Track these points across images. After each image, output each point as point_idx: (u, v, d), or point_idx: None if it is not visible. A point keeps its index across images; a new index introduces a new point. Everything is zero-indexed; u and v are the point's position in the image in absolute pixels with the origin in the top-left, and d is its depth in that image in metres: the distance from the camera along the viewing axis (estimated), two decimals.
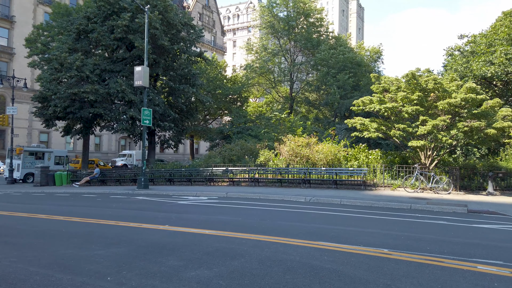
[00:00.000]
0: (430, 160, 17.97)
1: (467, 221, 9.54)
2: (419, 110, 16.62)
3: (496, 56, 23.00)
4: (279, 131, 26.66)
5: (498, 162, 20.35)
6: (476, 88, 16.13)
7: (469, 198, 14.91)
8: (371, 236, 7.10)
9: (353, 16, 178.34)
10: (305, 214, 10.49)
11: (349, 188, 18.23)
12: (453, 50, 28.14)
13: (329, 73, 40.58)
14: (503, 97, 24.91)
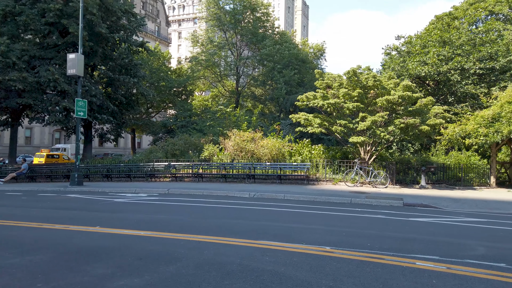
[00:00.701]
0: (369, 155, 18.63)
1: (404, 214, 9.88)
2: (360, 107, 17.11)
3: (430, 57, 24.43)
4: (224, 126, 26.27)
5: (430, 157, 21.70)
6: (412, 86, 16.94)
7: (404, 192, 15.64)
8: (314, 233, 7.00)
9: (298, 14, 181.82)
10: (249, 211, 10.25)
11: (293, 183, 18.37)
12: (391, 50, 29.52)
13: (275, 68, 40.88)
14: (435, 95, 26.58)
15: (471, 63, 23.99)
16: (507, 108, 17.18)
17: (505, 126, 16.88)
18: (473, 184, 18.84)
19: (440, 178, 19.12)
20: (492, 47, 24.34)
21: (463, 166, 19.16)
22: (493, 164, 19.34)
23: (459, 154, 21.24)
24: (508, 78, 23.65)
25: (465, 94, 24.87)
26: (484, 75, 24.91)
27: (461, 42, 24.93)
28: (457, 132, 18.39)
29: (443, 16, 36.03)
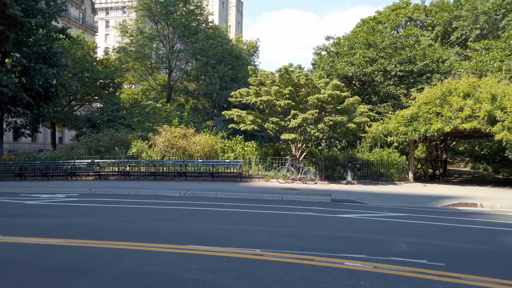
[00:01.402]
0: (300, 152, 19.02)
1: (332, 211, 10.12)
2: (291, 104, 17.35)
3: (356, 58, 25.65)
4: (154, 121, 25.16)
5: (356, 154, 22.80)
6: (340, 86, 17.56)
7: (333, 187, 16.19)
8: (245, 234, 6.80)
9: (232, 10, 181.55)
10: (178, 212, 9.78)
11: (225, 180, 18.11)
12: (321, 50, 30.52)
13: (208, 63, 40.21)
14: (361, 95, 28.00)
15: (393, 65, 25.64)
16: (424, 109, 18.57)
17: (422, 125, 18.22)
18: (394, 179, 20.16)
19: (365, 173, 20.17)
20: (411, 51, 26.24)
21: (385, 163, 20.42)
22: (411, 161, 20.87)
23: (382, 151, 22.61)
24: (424, 81, 25.67)
25: (387, 94, 26.53)
26: (404, 77, 26.79)
27: (384, 45, 26.52)
28: (380, 130, 19.48)
29: (369, 20, 38.26)
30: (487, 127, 16.27)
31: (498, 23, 32.65)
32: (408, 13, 37.70)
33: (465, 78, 19.42)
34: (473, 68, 25.26)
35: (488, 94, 16.66)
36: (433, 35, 36.48)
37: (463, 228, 7.89)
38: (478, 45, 28.74)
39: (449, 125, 17.34)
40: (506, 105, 15.62)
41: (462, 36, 34.37)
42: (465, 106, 17.18)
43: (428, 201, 12.90)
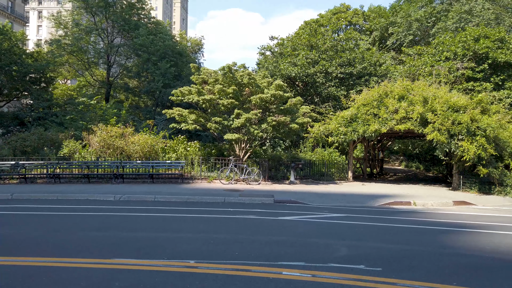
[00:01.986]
0: (243, 152, 18.80)
1: (274, 213, 9.97)
2: (235, 104, 17.06)
3: (299, 59, 26.00)
4: (89, 119, 23.56)
5: (298, 154, 23.07)
6: (283, 86, 17.59)
7: (276, 188, 16.15)
8: (181, 242, 6.36)
9: (177, 6, 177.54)
10: (110, 218, 9.04)
11: (166, 182, 17.37)
12: (265, 50, 30.59)
13: (150, 59, 38.72)
14: (304, 95, 28.47)
15: (334, 67, 26.36)
16: (363, 110, 19.21)
17: (361, 126, 18.83)
18: (334, 178, 20.67)
19: (307, 173, 20.46)
20: (350, 54, 27.15)
21: (326, 162, 20.87)
22: (350, 160, 21.54)
23: (323, 151, 23.11)
24: (363, 83, 26.68)
25: (328, 95, 27.22)
26: (344, 79, 27.68)
27: (325, 48, 27.18)
28: (322, 130, 19.85)
29: (311, 22, 39.13)
30: (420, 128, 17.17)
31: (429, 30, 34.94)
32: (348, 17, 39.13)
33: (400, 81, 20.40)
34: (407, 72, 26.71)
35: (420, 97, 17.59)
36: (371, 39, 38.18)
37: (400, 228, 8.08)
38: (411, 50, 30.48)
39: (385, 126, 18.06)
40: (436, 107, 16.58)
41: (397, 41, 36.32)
42: (400, 108, 18.00)
43: (367, 200, 13.27)
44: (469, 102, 16.68)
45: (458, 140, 15.68)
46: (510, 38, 26.19)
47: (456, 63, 24.98)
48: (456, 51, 25.31)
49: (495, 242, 6.55)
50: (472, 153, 14.99)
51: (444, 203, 13.12)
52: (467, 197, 14.98)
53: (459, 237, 7.03)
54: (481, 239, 6.86)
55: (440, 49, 26.66)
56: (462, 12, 32.04)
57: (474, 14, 31.70)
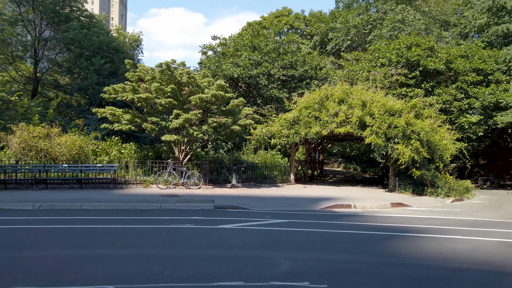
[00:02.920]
0: (183, 154, 17.88)
1: (213, 221, 9.30)
2: (173, 103, 16.12)
3: (242, 60, 25.56)
4: (8, 118, 21.08)
5: (241, 156, 22.59)
6: (225, 86, 16.98)
7: (217, 192, 15.47)
8: (101, 262, 5.46)
9: (115, 1, 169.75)
10: (21, 232, 7.77)
11: (97, 188, 15.92)
12: (207, 49, 29.79)
13: (83, 55, 36.09)
14: (246, 97, 28.10)
15: (276, 69, 26.29)
16: (304, 113, 19.21)
17: (303, 128, 18.79)
18: (277, 181, 20.45)
19: (250, 176, 20.02)
20: (292, 57, 27.28)
21: (269, 165, 20.59)
22: (292, 163, 21.48)
23: (266, 153, 22.87)
24: (304, 86, 26.93)
25: (271, 97, 27.10)
26: (287, 82, 27.75)
27: (268, 49, 27.04)
28: (264, 132, 19.54)
29: (254, 24, 39.03)
30: (359, 132, 17.48)
31: (366, 37, 36.40)
32: (290, 21, 39.58)
33: (340, 85, 20.75)
34: (346, 76, 27.43)
35: (359, 100, 17.94)
36: (311, 43, 38.95)
37: (343, 235, 7.82)
38: (349, 55, 31.46)
39: (326, 129, 18.18)
40: (374, 111, 16.97)
41: (336, 46, 37.40)
42: (340, 112, 18.22)
43: (308, 204, 13.08)
44: (404, 106, 17.30)
45: (394, 143, 16.14)
46: (438, 47, 27.95)
47: (391, 69, 26.10)
48: (391, 57, 26.45)
49: (438, 248, 6.48)
50: (407, 156, 15.48)
51: (382, 205, 13.32)
52: (403, 198, 15.44)
53: (402, 244, 6.89)
54: (423, 244, 6.77)
55: (376, 56, 27.72)
56: (396, 21, 33.74)
57: (406, 24, 33.53)
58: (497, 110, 25.97)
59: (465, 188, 17.84)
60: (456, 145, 19.43)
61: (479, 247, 6.60)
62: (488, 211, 12.73)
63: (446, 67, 25.99)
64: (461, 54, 27.06)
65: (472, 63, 26.26)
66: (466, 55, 26.96)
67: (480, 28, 32.63)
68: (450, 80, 27.14)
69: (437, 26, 37.02)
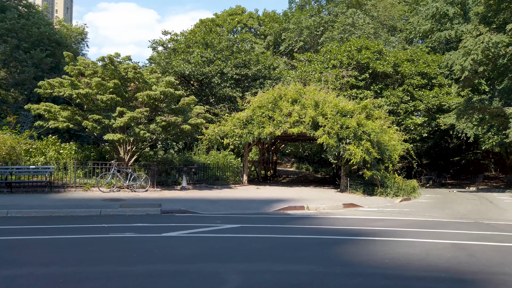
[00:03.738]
0: (129, 155, 16.76)
1: (158, 228, 8.54)
2: (116, 100, 15.00)
3: (194, 56, 24.68)
4: None
5: (192, 157, 21.75)
6: (175, 83, 16.13)
7: (165, 195, 14.59)
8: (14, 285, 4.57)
9: None
10: None
11: (30, 192, 14.41)
12: (157, 45, 28.53)
13: (20, 47, 33.23)
14: (199, 95, 27.24)
15: (229, 68, 25.70)
16: (258, 112, 18.80)
17: (256, 128, 18.38)
18: (229, 182, 19.86)
19: (201, 177, 19.25)
20: (246, 56, 26.82)
21: (221, 166, 19.93)
22: (245, 163, 21.00)
23: (218, 154, 22.20)
24: (258, 85, 26.57)
25: (224, 96, 26.47)
26: (240, 81, 27.25)
27: (221, 47, 26.38)
28: (217, 132, 18.90)
29: (207, 21, 38.15)
30: (312, 132, 17.37)
31: (318, 39, 36.85)
32: (243, 19, 39.16)
33: (293, 85, 20.61)
34: (299, 77, 27.46)
35: (312, 101, 17.84)
36: (265, 43, 38.80)
37: (297, 241, 7.40)
38: (302, 56, 31.59)
39: (280, 129, 17.90)
40: (326, 111, 16.92)
41: (289, 47, 37.53)
42: (293, 112, 18.02)
43: (262, 206, 12.64)
44: (356, 107, 17.43)
45: (346, 144, 16.17)
46: (386, 51, 28.81)
47: (342, 71, 26.48)
48: (342, 59, 26.83)
49: (394, 254, 6.24)
50: (358, 157, 15.55)
51: (335, 206, 13.20)
52: (354, 198, 15.49)
53: (359, 249, 6.59)
54: (379, 250, 6.52)
55: (328, 57, 28.04)
56: (346, 24, 34.45)
57: (356, 27, 34.33)
58: (440, 112, 27.22)
59: (412, 188, 18.34)
60: (403, 145, 19.99)
61: (433, 250, 6.46)
62: (435, 211, 13.02)
63: (393, 70, 26.81)
64: (407, 58, 28.07)
65: (417, 67, 27.31)
66: (412, 59, 28.01)
67: (424, 34, 34.18)
68: (397, 83, 28.06)
69: (385, 31, 38.35)
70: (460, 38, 29.58)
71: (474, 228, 9.11)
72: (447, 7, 30.19)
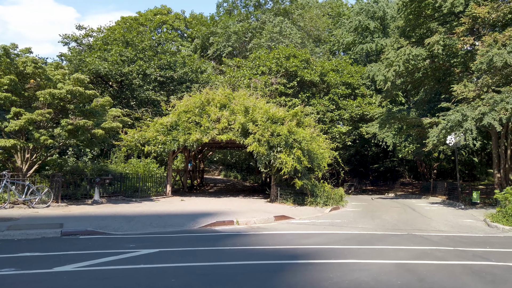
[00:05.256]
0: (29, 164, 14.20)
1: (51, 258, 6.75)
2: (12, 99, 12.55)
3: (112, 54, 22.39)
4: None
5: (109, 165, 19.49)
6: (85, 80, 14.04)
7: (72, 211, 12.45)
8: None
9: None
10: None
11: None
12: (69, 40, 25.57)
13: None
14: (119, 98, 24.87)
15: (153, 69, 23.82)
16: (184, 117, 17.37)
17: (181, 134, 16.93)
18: (151, 194, 17.99)
19: (118, 189, 17.16)
20: (171, 57, 25.15)
21: (141, 175, 17.96)
22: (169, 172, 19.31)
23: (139, 162, 20.18)
24: (184, 89, 25.04)
25: (147, 99, 24.46)
26: (165, 83, 25.46)
27: (143, 46, 24.40)
28: (137, 138, 17.09)
29: (129, 19, 35.55)
30: (241, 139, 16.42)
31: (246, 45, 36.36)
32: (169, 20, 37.26)
33: (222, 89, 19.53)
34: (228, 82, 26.51)
35: (242, 106, 16.91)
36: (192, 46, 37.32)
37: (230, 270, 6.19)
38: (231, 61, 30.77)
39: (207, 136, 16.70)
40: (257, 118, 16.09)
41: (217, 51, 36.49)
42: (222, 117, 16.93)
43: (186, 221, 11.25)
44: (286, 114, 16.87)
45: (277, 152, 15.46)
46: (313, 61, 29.17)
47: (271, 77, 26.11)
48: (271, 66, 26.50)
49: (339, 281, 5.39)
50: (290, 166, 14.91)
51: (266, 219, 12.29)
52: (285, 209, 14.78)
53: (299, 278, 5.63)
54: (322, 277, 5.64)
55: (257, 64, 27.54)
56: (274, 32, 34.45)
57: (284, 36, 34.50)
58: (363, 121, 28.16)
59: (340, 196, 18.24)
60: (331, 153, 19.96)
61: (381, 275, 5.73)
62: (366, 221, 12.76)
63: (320, 79, 27.14)
64: (333, 68, 28.68)
65: (342, 77, 27.99)
66: (337, 70, 28.68)
67: (347, 47, 35.54)
68: (323, 92, 28.49)
69: (311, 41, 39.23)
70: (379, 51, 31.15)
71: (411, 243, 8.75)
72: (368, 21, 31.62)
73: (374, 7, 32.23)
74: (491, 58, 14.91)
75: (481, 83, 16.27)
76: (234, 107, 17.21)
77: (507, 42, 15.36)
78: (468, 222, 12.94)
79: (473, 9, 16.82)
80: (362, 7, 33.08)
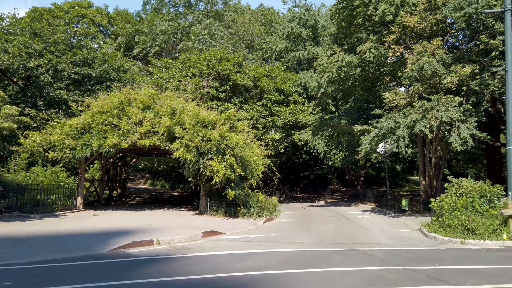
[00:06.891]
0: None
1: None
2: None
3: (15, 45, 19.16)
4: None
5: (4, 175, 16.37)
6: None
7: None
8: None
9: None
10: None
11: None
12: None
13: None
14: (25, 97, 21.45)
15: (66, 64, 20.93)
16: (99, 119, 15.11)
17: (96, 138, 14.67)
18: (56, 208, 15.21)
19: (13, 203, 14.22)
20: (89, 53, 22.42)
21: (44, 187, 15.12)
22: (81, 183, 16.72)
23: (44, 171, 17.22)
24: (104, 89, 22.44)
25: (58, 99, 21.40)
26: (82, 82, 22.60)
27: (56, 39, 21.40)
28: (39, 142, 14.43)
29: (43, 11, 31.64)
30: (167, 144, 14.64)
31: (176, 46, 34.36)
32: (90, 14, 33.92)
33: (145, 89, 17.56)
34: (154, 83, 24.38)
35: (168, 108, 15.17)
36: (116, 44, 34.34)
37: None
38: (159, 62, 28.64)
39: (127, 140, 14.67)
40: (185, 120, 14.46)
41: (143, 51, 33.98)
42: (144, 120, 15.02)
43: (94, 243, 9.24)
44: (218, 117, 15.46)
45: (208, 159, 13.95)
46: (246, 65, 28.20)
47: (202, 80, 24.55)
48: (202, 69, 24.98)
49: None
50: (221, 174, 13.47)
51: (192, 236, 10.67)
52: (215, 223, 13.30)
53: None
54: None
55: (187, 65, 25.82)
56: (204, 34, 32.98)
57: (216, 39, 33.21)
58: (295, 128, 27.75)
59: (274, 206, 17.21)
60: (265, 161, 18.94)
61: None
62: (303, 234, 11.77)
63: (253, 84, 26.23)
64: (266, 74, 27.97)
65: (275, 83, 27.38)
66: (270, 75, 28.02)
67: (280, 54, 35.26)
68: (256, 97, 27.61)
69: (243, 47, 38.44)
70: (311, 59, 31.25)
71: (356, 262, 7.80)
72: (300, 29, 31.60)
73: (306, 15, 32.36)
74: (421, 66, 15.02)
75: (412, 90, 16.41)
76: (160, 109, 15.39)
77: (435, 51, 15.64)
78: (404, 232, 12.57)
79: (404, 18, 17.02)
80: (294, 15, 33.07)
